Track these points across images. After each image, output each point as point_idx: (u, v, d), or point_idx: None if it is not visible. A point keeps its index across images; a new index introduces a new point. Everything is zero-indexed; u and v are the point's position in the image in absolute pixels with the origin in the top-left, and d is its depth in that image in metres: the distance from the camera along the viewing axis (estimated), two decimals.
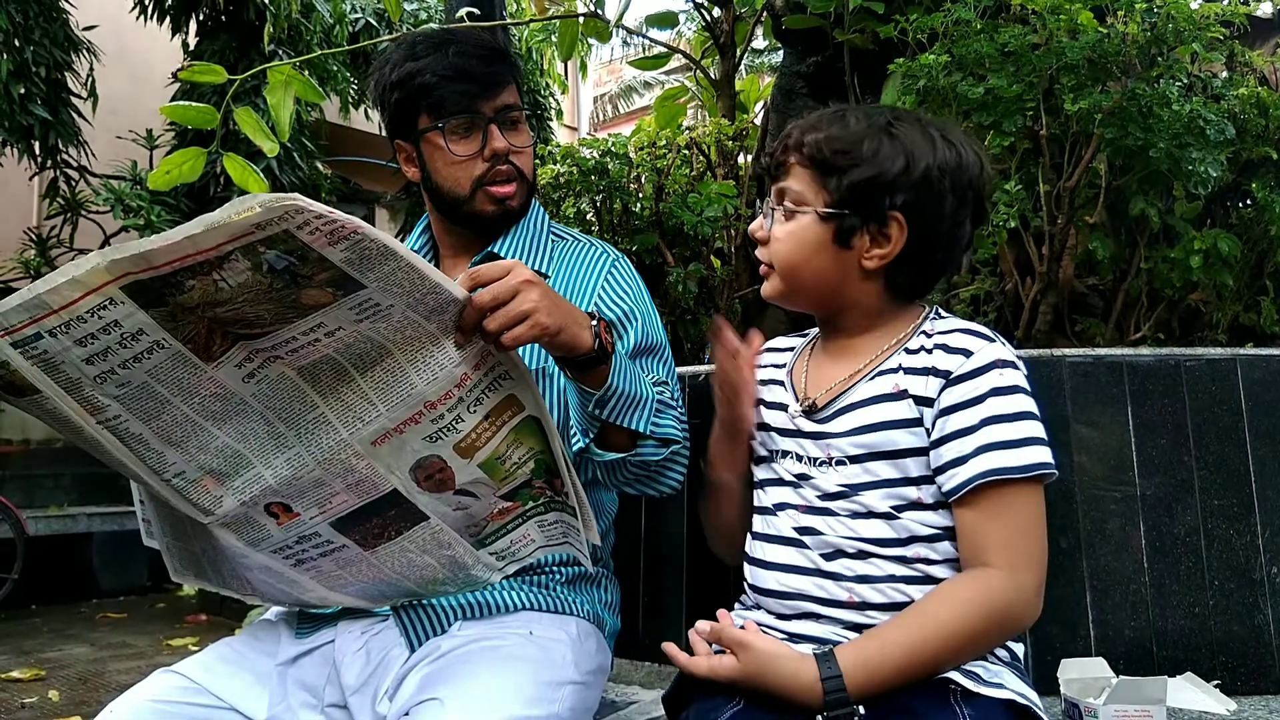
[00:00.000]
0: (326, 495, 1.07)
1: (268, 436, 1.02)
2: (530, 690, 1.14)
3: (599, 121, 16.77)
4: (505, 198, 1.39)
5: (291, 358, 0.97)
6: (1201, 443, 1.73)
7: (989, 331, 1.09)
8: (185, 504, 1.06)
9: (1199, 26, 2.05)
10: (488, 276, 0.99)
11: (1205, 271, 2.15)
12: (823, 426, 1.11)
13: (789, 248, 1.14)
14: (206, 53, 6.25)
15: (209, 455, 1.02)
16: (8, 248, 6.32)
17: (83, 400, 0.94)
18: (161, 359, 0.93)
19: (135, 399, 0.96)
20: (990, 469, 1.01)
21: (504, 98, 1.38)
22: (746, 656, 1.00)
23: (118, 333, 0.90)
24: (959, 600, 1.00)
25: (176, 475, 1.03)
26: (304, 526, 1.09)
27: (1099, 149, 2.13)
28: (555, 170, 2.92)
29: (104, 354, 0.91)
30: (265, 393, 0.99)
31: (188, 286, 0.88)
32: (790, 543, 1.11)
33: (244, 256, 0.87)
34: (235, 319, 0.92)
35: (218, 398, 0.98)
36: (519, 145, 1.40)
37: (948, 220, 1.10)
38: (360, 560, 1.14)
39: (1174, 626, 1.67)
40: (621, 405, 1.16)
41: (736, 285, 2.86)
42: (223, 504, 1.06)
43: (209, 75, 2.01)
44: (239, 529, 1.09)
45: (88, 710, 2.74)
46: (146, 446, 1.00)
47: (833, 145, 1.10)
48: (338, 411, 1.01)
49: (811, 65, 2.87)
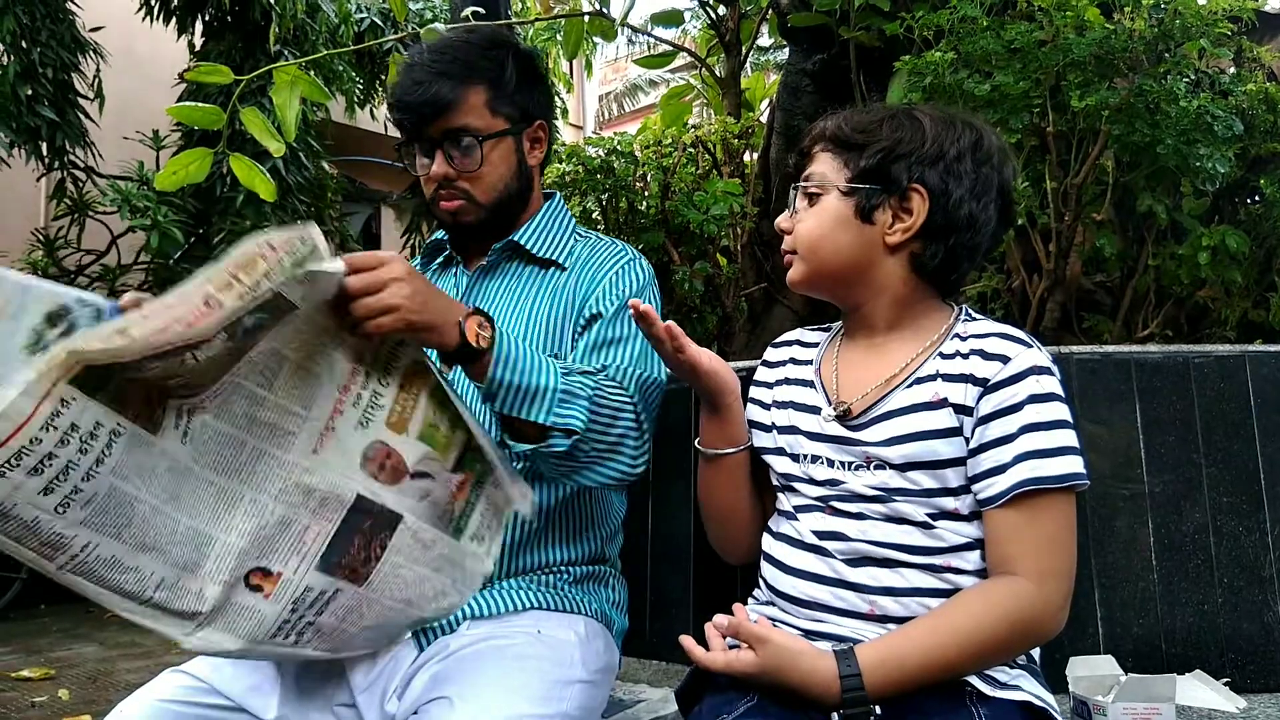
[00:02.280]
0: (298, 534, 1.01)
1: (217, 499, 0.96)
2: (538, 689, 1.14)
3: (604, 120, 16.76)
4: (450, 212, 1.39)
5: (212, 403, 0.93)
6: (1210, 440, 1.72)
7: (1024, 335, 1.07)
8: (170, 620, 0.95)
9: (1206, 22, 2.04)
10: (360, 264, 0.99)
11: (1213, 268, 2.15)
12: (858, 434, 1.09)
13: (811, 226, 1.13)
14: (212, 53, 6.25)
15: (179, 547, 0.94)
16: (15, 249, 6.34)
17: (40, 546, 0.83)
18: (120, 449, 0.86)
19: (104, 513, 0.87)
20: (1027, 478, 0.99)
21: (453, 119, 1.33)
22: (765, 651, 0.98)
23: (76, 438, 0.81)
24: (984, 607, 0.98)
25: (157, 587, 0.93)
26: (291, 586, 1.01)
27: (1106, 146, 2.12)
28: (561, 169, 2.93)
29: (63, 474, 0.82)
30: (198, 451, 0.94)
31: (149, 368, 0.83)
32: (811, 549, 1.10)
33: (224, 332, 0.84)
34: (180, 384, 0.88)
35: (171, 472, 0.91)
36: (465, 169, 1.36)
37: (969, 200, 1.09)
38: (359, 602, 1.08)
39: (1183, 624, 1.67)
40: (512, 398, 1.13)
41: (743, 283, 2.87)
42: (205, 596, 0.96)
43: (215, 76, 2.01)
44: (231, 623, 0.99)
45: (97, 709, 2.75)
46: (121, 569, 0.90)
47: (854, 125, 1.13)
48: (265, 437, 0.98)
49: (817, 63, 2.86)
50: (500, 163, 1.38)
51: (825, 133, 1.15)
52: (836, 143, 1.13)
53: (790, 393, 1.20)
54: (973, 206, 1.09)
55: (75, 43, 5.85)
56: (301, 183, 6.37)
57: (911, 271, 1.12)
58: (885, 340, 1.14)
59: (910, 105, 1.16)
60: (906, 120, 1.11)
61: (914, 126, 1.10)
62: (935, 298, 1.15)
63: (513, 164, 1.40)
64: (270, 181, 2.03)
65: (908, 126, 1.11)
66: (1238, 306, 2.29)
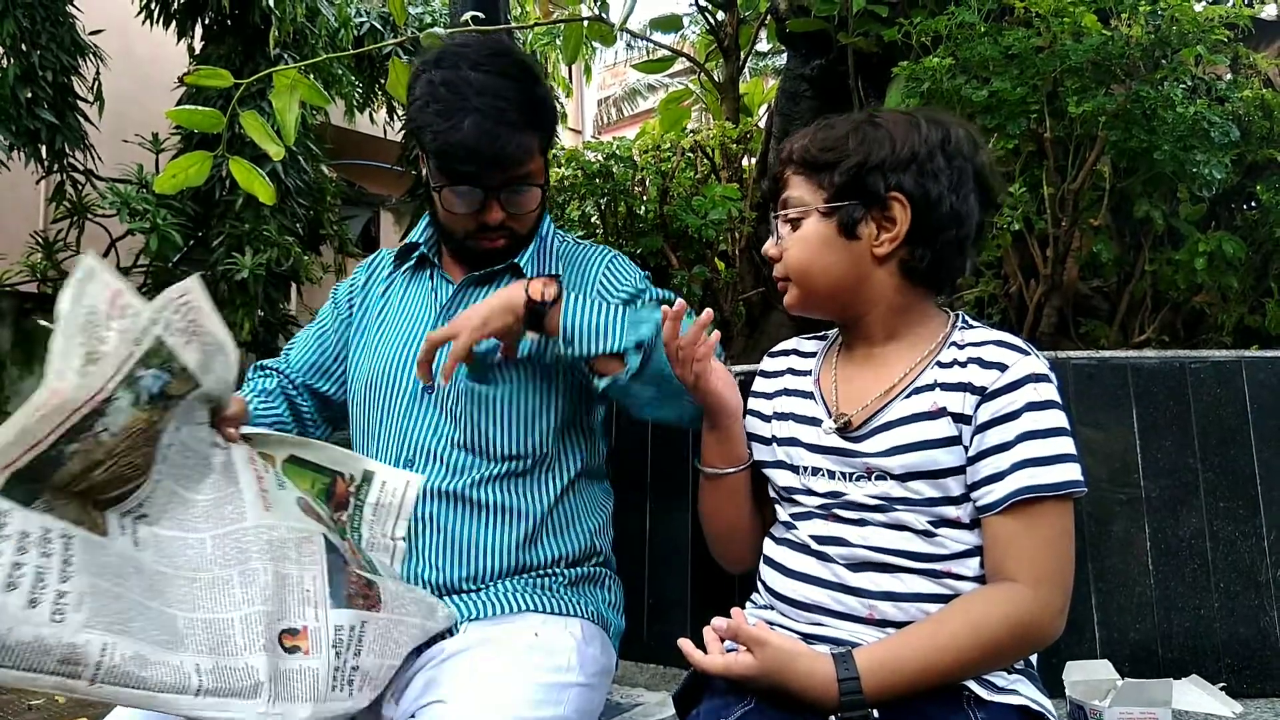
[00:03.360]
0: (298, 584, 1.02)
1: (210, 589, 0.95)
2: (535, 692, 1.15)
3: (603, 125, 16.78)
4: (493, 249, 1.39)
5: (152, 510, 0.94)
6: (1206, 445, 1.73)
7: (1021, 343, 1.08)
8: (239, 704, 0.90)
9: (1203, 29, 2.05)
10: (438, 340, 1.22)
11: (1210, 274, 2.15)
12: (858, 445, 1.09)
13: (798, 251, 1.14)
14: (212, 57, 6.25)
15: (195, 637, 0.91)
16: (15, 251, 6.33)
17: (58, 665, 0.79)
18: (80, 550, 0.83)
19: (103, 612, 0.83)
20: (1025, 486, 1.00)
21: (519, 171, 1.32)
22: (763, 654, 0.99)
23: (31, 545, 0.80)
24: (982, 612, 0.99)
25: (200, 674, 0.89)
26: (324, 633, 1.01)
27: (1103, 151, 2.13)
28: (560, 174, 2.93)
29: (39, 581, 0.79)
30: (163, 556, 0.93)
31: (68, 455, 0.83)
32: (812, 553, 1.10)
33: (126, 390, 0.86)
34: (109, 479, 0.88)
35: (139, 573, 0.90)
36: (520, 211, 1.36)
37: (948, 196, 1.09)
38: (388, 627, 1.09)
39: (1179, 629, 1.67)
40: (589, 337, 1.22)
41: (741, 287, 2.87)
42: (254, 668, 0.92)
43: (215, 79, 2.01)
44: (292, 690, 0.96)
45: (94, 713, 2.74)
46: (152, 666, 0.85)
47: (820, 144, 1.13)
48: (218, 521, 0.99)
49: (815, 68, 2.87)
50: (541, 198, 1.40)
51: (794, 156, 1.15)
52: (806, 165, 1.13)
53: (790, 404, 1.20)
54: (953, 201, 1.09)
55: (75, 46, 5.84)
56: (301, 186, 6.37)
57: (903, 278, 1.12)
58: (883, 350, 1.14)
59: (871, 112, 1.15)
60: (871, 129, 1.11)
61: (880, 135, 1.10)
62: (930, 302, 1.16)
63: (545, 194, 1.42)
64: (269, 185, 2.03)
65: (874, 136, 1.10)
66: (1234, 312, 2.29)
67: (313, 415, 1.53)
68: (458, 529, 1.29)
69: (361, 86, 7.82)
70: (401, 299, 1.47)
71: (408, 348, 1.39)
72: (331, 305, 1.56)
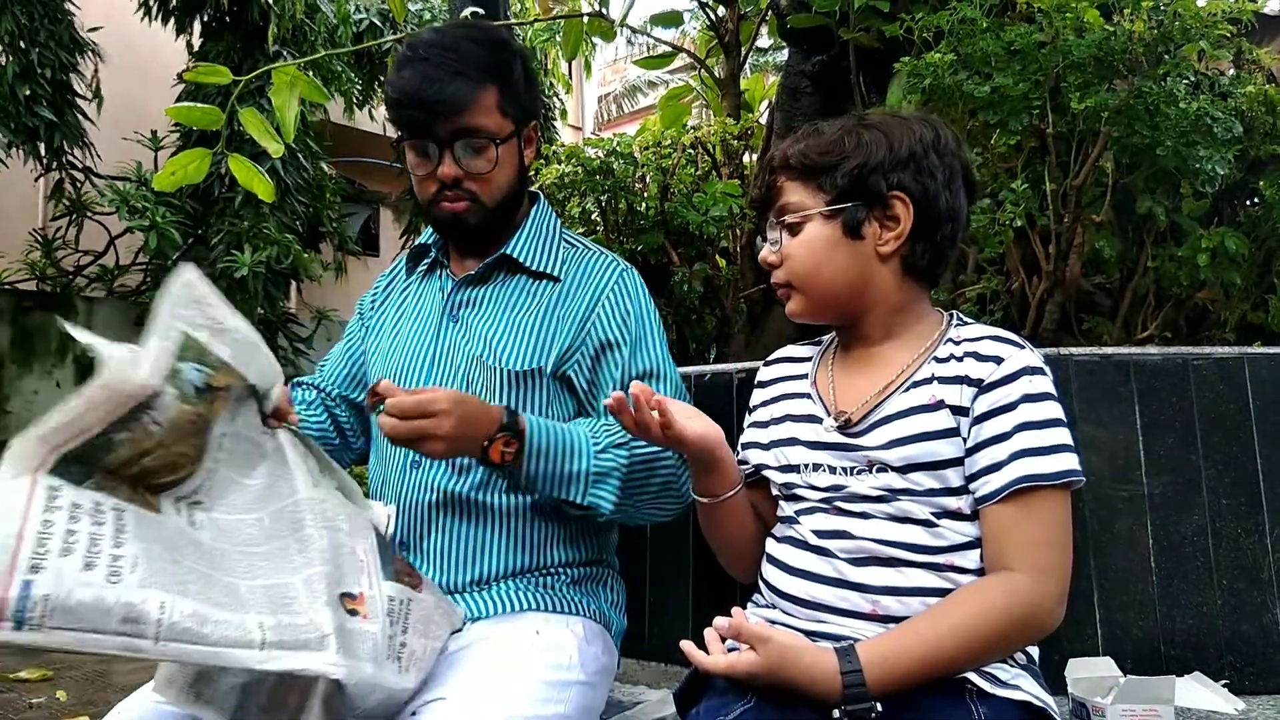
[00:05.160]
0: (352, 554, 1.02)
1: (269, 559, 0.96)
2: (537, 690, 1.15)
3: (603, 121, 16.78)
4: (454, 213, 1.36)
5: (207, 498, 0.95)
6: (1209, 442, 1.72)
7: (1016, 338, 1.09)
8: (307, 655, 0.90)
9: (1206, 24, 2.04)
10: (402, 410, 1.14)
11: (1213, 270, 2.15)
12: (858, 439, 1.10)
13: (802, 256, 1.14)
14: (211, 53, 6.26)
15: (259, 598, 0.91)
16: (14, 249, 6.33)
17: (120, 624, 0.80)
18: (133, 522, 0.85)
19: (160, 573, 0.84)
20: (1022, 475, 1.01)
21: (465, 120, 1.30)
22: (766, 650, 0.98)
23: (84, 514, 0.82)
24: (982, 602, 0.99)
25: (264, 629, 0.89)
26: (378, 601, 1.02)
27: (1106, 147, 2.12)
28: (560, 170, 2.92)
29: (94, 545, 0.81)
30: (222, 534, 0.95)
31: (118, 442, 0.85)
32: (814, 550, 1.10)
33: (170, 384, 0.87)
34: (160, 465, 0.89)
35: (195, 546, 0.91)
36: (475, 171, 1.34)
37: (944, 192, 1.12)
38: (429, 610, 1.11)
39: (1182, 626, 1.67)
40: (549, 485, 1.24)
41: (741, 285, 2.86)
42: (318, 622, 0.92)
43: (214, 76, 2.01)
44: (354, 647, 0.96)
45: (95, 710, 2.74)
46: (213, 623, 0.85)
47: (816, 149, 1.14)
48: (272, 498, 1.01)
49: (817, 64, 2.86)
50: (507, 164, 1.37)
51: (788, 162, 1.16)
52: (803, 170, 1.14)
53: (787, 407, 1.21)
54: (948, 196, 1.13)
55: (74, 43, 5.85)
56: (300, 183, 6.38)
57: (903, 275, 1.14)
58: (881, 349, 1.16)
59: (858, 116, 1.17)
60: (865, 132, 1.13)
61: (876, 136, 1.12)
62: (925, 300, 1.18)
63: (516, 165, 1.40)
64: (269, 182, 2.03)
65: (870, 137, 1.12)
66: (1237, 308, 2.28)
67: (351, 425, 1.56)
68: (463, 532, 1.30)
69: (361, 83, 7.83)
70: (414, 302, 1.48)
71: (416, 350, 1.40)
72: (357, 317, 1.60)
